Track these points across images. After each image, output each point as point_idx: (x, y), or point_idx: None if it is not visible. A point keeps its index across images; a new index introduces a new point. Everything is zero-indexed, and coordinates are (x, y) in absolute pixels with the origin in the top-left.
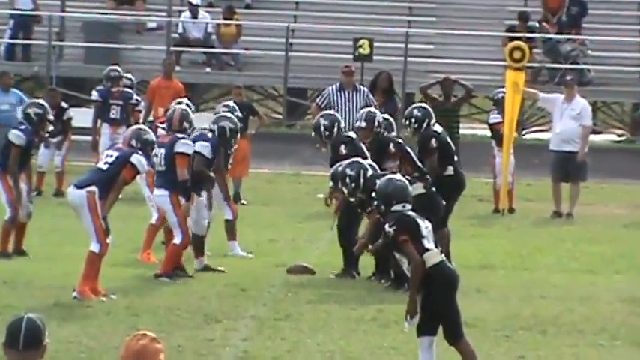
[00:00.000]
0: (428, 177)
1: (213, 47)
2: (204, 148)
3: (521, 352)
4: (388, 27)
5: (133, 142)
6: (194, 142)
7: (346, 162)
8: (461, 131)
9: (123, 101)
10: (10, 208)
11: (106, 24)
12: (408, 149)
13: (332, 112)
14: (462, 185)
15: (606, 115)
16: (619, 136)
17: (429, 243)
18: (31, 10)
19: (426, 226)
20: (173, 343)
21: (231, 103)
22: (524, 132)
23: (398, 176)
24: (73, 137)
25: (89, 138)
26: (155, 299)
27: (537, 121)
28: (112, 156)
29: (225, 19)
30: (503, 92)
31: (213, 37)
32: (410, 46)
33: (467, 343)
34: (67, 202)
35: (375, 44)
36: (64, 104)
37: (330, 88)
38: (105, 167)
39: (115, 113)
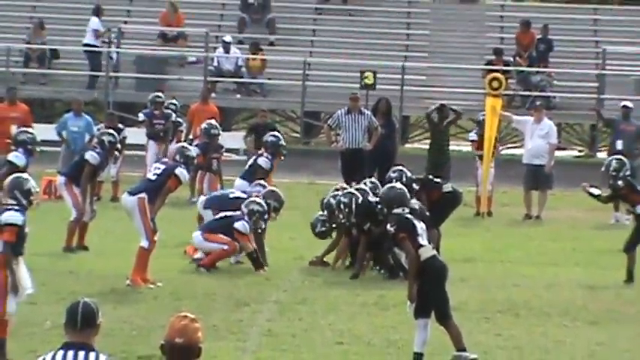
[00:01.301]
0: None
1: (242, 77)
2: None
3: (498, 332)
4: (388, 61)
5: (177, 157)
6: None
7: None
8: (450, 147)
9: (164, 120)
10: (75, 210)
11: (154, 58)
12: None
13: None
14: (459, 200)
15: (569, 134)
16: (579, 151)
17: (423, 240)
18: (94, 47)
19: (421, 226)
20: (209, 323)
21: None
22: (501, 148)
23: (398, 184)
24: (126, 152)
25: (140, 152)
26: (195, 286)
27: (512, 139)
28: (159, 168)
29: (252, 54)
30: (484, 115)
31: (243, 69)
32: (406, 76)
33: (454, 325)
34: (121, 206)
35: (377, 75)
36: (120, 125)
37: (339, 111)
38: (153, 177)
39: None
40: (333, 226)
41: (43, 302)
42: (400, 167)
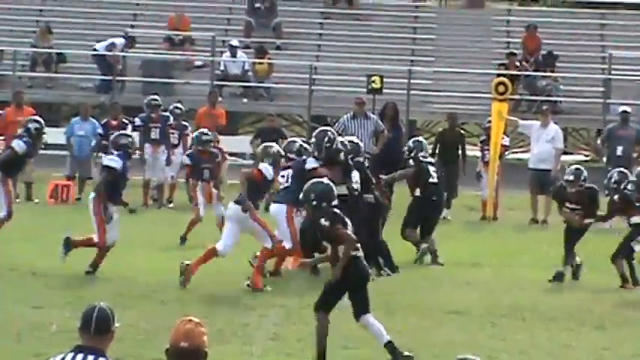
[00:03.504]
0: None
1: (249, 82)
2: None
3: (504, 336)
4: (394, 65)
5: (291, 155)
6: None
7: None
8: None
9: (161, 124)
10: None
11: (161, 62)
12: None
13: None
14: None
15: (575, 139)
16: (586, 156)
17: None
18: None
19: (350, 223)
20: (215, 327)
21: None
22: (507, 153)
23: (325, 179)
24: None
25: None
26: (201, 290)
27: (518, 144)
28: (284, 176)
29: (259, 58)
30: (490, 122)
31: (250, 73)
32: (412, 81)
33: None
34: (126, 210)
35: (384, 79)
36: (125, 120)
37: (345, 116)
38: (289, 184)
39: (154, 134)
40: None
41: (49, 306)
42: None
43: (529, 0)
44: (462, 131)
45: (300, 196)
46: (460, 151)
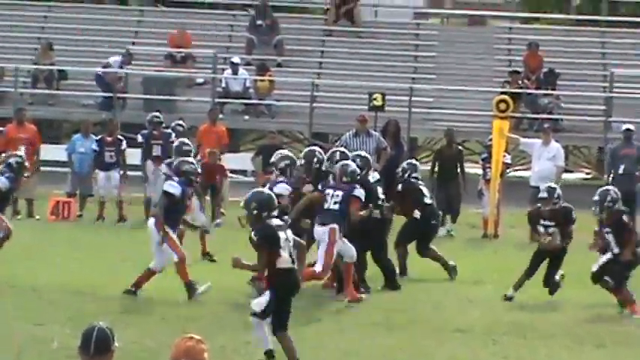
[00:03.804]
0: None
1: (250, 99)
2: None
3: (506, 354)
4: (396, 83)
5: (344, 179)
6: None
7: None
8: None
9: (163, 141)
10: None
11: (162, 79)
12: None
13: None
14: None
15: (576, 157)
16: (587, 174)
17: (284, 251)
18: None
19: (285, 237)
20: (216, 344)
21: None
22: (509, 170)
23: (266, 189)
24: (130, 173)
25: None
26: (203, 307)
27: (520, 161)
28: (337, 195)
29: (260, 75)
30: (491, 140)
31: (251, 90)
32: (414, 98)
33: (289, 339)
34: (125, 226)
35: (386, 97)
36: (120, 137)
37: (347, 134)
38: (336, 206)
39: (156, 151)
40: None
41: (50, 322)
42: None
43: (531, 18)
44: (460, 148)
45: (241, 204)
46: (459, 169)
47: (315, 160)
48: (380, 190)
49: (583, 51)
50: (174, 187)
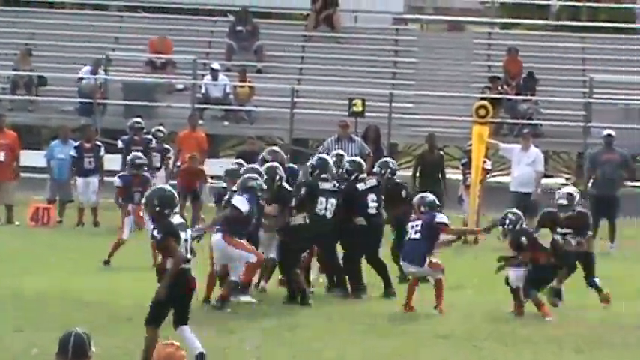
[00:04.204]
0: None
1: (230, 105)
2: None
3: (487, 359)
4: (376, 88)
5: (423, 209)
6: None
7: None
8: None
9: (143, 147)
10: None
11: (142, 85)
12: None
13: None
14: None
15: (556, 162)
16: (566, 179)
17: (182, 250)
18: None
19: (185, 237)
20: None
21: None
22: (488, 176)
23: (168, 187)
24: (110, 179)
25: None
26: None
27: (499, 167)
28: (417, 225)
29: (240, 81)
30: (471, 145)
31: (231, 96)
32: (394, 104)
33: (156, 337)
34: (102, 232)
35: (366, 102)
36: (98, 143)
37: (329, 139)
38: (418, 236)
39: None
40: None
41: (30, 329)
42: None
43: (510, 24)
44: (441, 153)
45: (143, 201)
46: (440, 174)
47: (277, 177)
48: (374, 197)
49: (562, 56)
50: (243, 204)
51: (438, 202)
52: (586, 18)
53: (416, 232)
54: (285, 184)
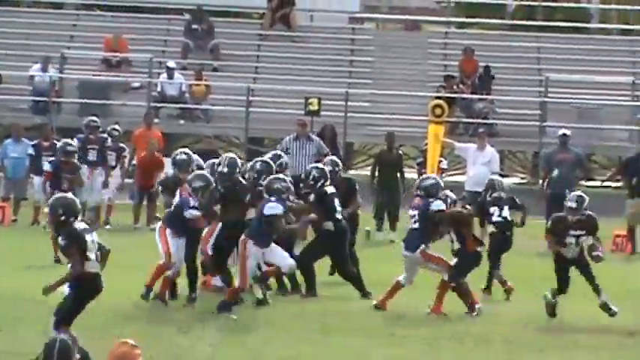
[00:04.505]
0: None
1: (186, 103)
2: None
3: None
4: (332, 87)
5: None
6: None
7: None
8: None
9: (99, 145)
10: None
11: (98, 83)
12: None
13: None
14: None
15: (511, 161)
16: (522, 179)
17: (91, 254)
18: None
19: (92, 239)
20: (150, 349)
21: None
22: (444, 175)
23: (69, 195)
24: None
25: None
26: (136, 312)
27: (455, 166)
28: (415, 214)
29: (196, 80)
30: (427, 145)
31: (187, 94)
32: (350, 103)
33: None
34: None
35: (322, 101)
36: (55, 141)
37: (287, 138)
38: (417, 225)
39: (92, 156)
40: None
41: None
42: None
43: (466, 23)
44: (400, 152)
45: (46, 209)
46: (399, 173)
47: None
48: (337, 201)
49: (518, 56)
50: (276, 208)
51: (436, 187)
52: (542, 17)
53: (415, 222)
54: (242, 179)
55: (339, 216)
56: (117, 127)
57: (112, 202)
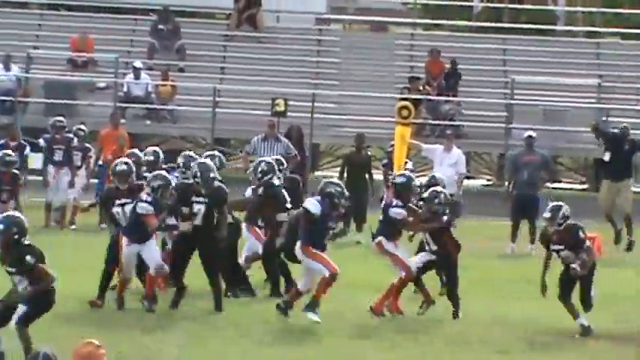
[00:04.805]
0: None
1: (152, 103)
2: None
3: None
4: (298, 88)
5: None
6: None
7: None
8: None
9: (65, 145)
10: None
11: (64, 83)
12: None
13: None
14: None
15: (478, 163)
16: (488, 180)
17: (50, 270)
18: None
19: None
20: (116, 350)
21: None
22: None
23: (18, 213)
24: (31, 177)
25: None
26: (101, 313)
27: (420, 168)
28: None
29: (162, 80)
30: (393, 146)
31: (153, 95)
32: (316, 104)
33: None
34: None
35: (288, 102)
36: (22, 141)
37: (256, 138)
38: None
39: (58, 156)
40: None
41: None
42: None
43: (432, 25)
44: (369, 153)
45: (2, 228)
46: (367, 174)
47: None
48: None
49: (484, 58)
50: (315, 206)
51: (412, 185)
52: (508, 19)
53: (381, 214)
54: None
55: (289, 206)
56: (83, 127)
57: (77, 202)
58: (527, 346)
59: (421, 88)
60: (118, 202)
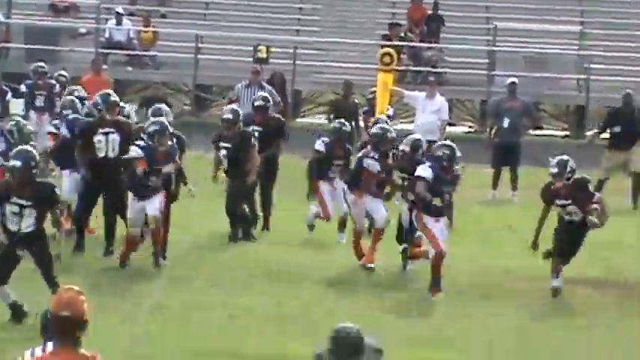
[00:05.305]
0: None
1: (134, 49)
2: None
3: (388, 307)
4: (281, 35)
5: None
6: None
7: None
8: None
9: (47, 91)
10: None
11: (45, 29)
12: None
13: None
14: None
15: (460, 110)
16: (470, 127)
17: None
18: None
19: None
20: (98, 296)
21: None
22: (391, 123)
23: (29, 147)
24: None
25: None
26: (83, 260)
27: (402, 114)
28: None
29: (144, 26)
30: (374, 91)
31: (135, 41)
32: (298, 51)
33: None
34: None
35: (270, 49)
36: (5, 87)
37: (239, 85)
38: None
39: (39, 102)
40: None
41: None
42: None
43: None
44: (356, 101)
45: (20, 163)
46: (354, 122)
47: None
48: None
49: (467, 4)
50: (427, 171)
51: (387, 136)
52: None
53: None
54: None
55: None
56: (64, 72)
57: None
58: (510, 292)
59: (402, 34)
60: (101, 130)
